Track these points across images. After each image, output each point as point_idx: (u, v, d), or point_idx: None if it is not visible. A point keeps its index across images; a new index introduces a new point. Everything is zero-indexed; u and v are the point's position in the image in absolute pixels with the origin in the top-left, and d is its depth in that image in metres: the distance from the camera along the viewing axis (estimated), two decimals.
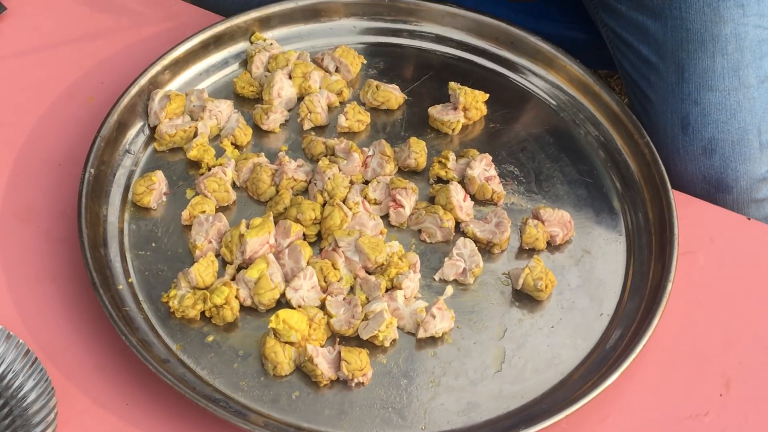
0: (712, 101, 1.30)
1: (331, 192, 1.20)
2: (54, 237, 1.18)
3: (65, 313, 1.13)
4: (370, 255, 1.15)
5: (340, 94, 1.32)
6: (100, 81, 1.33)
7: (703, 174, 1.31)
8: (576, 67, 1.33)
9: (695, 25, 1.32)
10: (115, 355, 1.10)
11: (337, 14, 1.38)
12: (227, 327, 1.12)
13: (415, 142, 1.25)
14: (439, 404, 1.09)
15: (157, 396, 1.07)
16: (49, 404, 1.02)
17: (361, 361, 1.08)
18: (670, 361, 1.13)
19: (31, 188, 1.22)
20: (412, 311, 1.13)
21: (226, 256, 1.16)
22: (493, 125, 1.32)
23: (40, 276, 1.15)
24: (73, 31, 1.39)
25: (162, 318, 1.12)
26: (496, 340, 1.13)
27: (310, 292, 1.13)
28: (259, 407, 1.07)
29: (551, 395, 1.10)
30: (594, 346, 1.14)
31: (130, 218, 1.20)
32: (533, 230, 1.19)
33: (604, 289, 1.18)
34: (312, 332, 1.10)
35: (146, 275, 1.15)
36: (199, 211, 1.19)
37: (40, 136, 1.27)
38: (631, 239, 1.22)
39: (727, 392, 1.12)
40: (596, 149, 1.30)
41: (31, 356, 1.05)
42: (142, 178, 1.21)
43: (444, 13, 1.38)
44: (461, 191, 1.22)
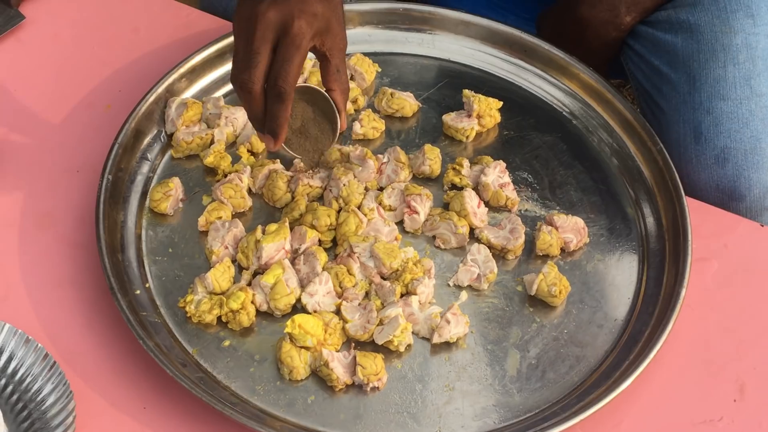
0: (724, 110, 1.31)
1: (346, 198, 1.21)
2: (72, 243, 1.20)
3: (83, 318, 1.14)
4: (385, 261, 1.15)
5: (355, 101, 1.33)
6: (118, 89, 1.34)
7: (716, 183, 1.31)
8: (589, 74, 1.34)
9: (706, 35, 1.33)
10: (133, 359, 1.11)
11: (352, 23, 1.39)
12: (243, 332, 1.13)
13: (429, 149, 1.26)
14: (454, 409, 1.09)
15: (174, 400, 1.08)
16: (67, 408, 1.03)
17: (376, 366, 1.09)
18: (684, 367, 1.14)
19: (50, 195, 1.24)
20: (426, 316, 1.14)
21: (242, 261, 1.17)
22: (507, 132, 1.33)
23: (58, 281, 1.17)
24: (91, 40, 1.40)
25: (179, 323, 1.13)
26: (510, 346, 1.14)
27: (326, 297, 1.14)
28: (275, 411, 1.08)
29: (565, 400, 1.10)
30: (608, 352, 1.14)
31: (148, 224, 1.21)
32: (547, 236, 1.20)
33: (617, 295, 1.18)
34: (327, 337, 1.11)
35: (163, 280, 1.17)
36: (216, 217, 1.20)
37: (58, 143, 1.29)
38: (645, 245, 1.23)
39: (742, 398, 1.12)
40: (609, 156, 1.31)
41: (50, 360, 1.06)
42: (159, 185, 1.22)
43: (458, 21, 1.39)
44: (475, 198, 1.23)
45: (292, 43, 1.06)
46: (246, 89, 1.06)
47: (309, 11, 1.07)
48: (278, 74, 1.05)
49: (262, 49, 1.05)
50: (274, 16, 1.06)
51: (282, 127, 1.08)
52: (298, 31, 1.06)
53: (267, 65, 1.06)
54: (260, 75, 1.06)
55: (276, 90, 1.06)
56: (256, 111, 1.08)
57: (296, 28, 1.06)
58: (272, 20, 1.06)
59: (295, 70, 1.06)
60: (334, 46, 1.11)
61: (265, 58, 1.06)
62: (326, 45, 1.10)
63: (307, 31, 1.06)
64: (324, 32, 1.09)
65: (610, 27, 1.41)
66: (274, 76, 1.06)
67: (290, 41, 1.06)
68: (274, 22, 1.06)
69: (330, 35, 1.10)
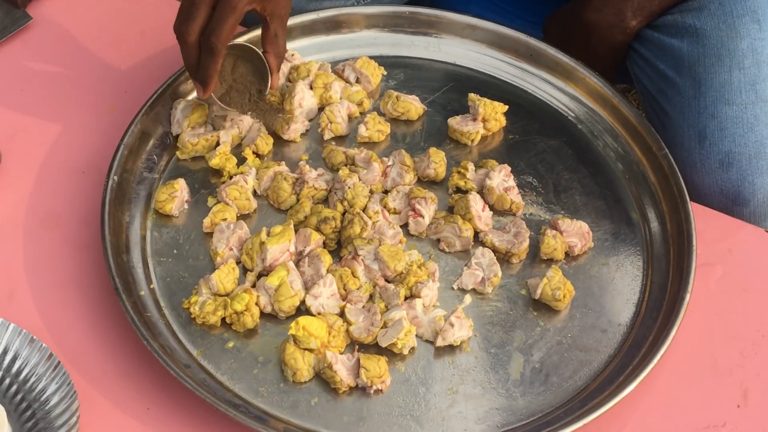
0: (729, 115, 1.31)
1: (351, 201, 1.21)
2: (77, 243, 1.20)
3: (88, 318, 1.14)
4: (389, 263, 1.16)
5: (360, 104, 1.33)
6: (124, 90, 1.35)
7: (720, 187, 1.31)
8: (595, 79, 1.34)
9: (712, 40, 1.33)
10: (137, 360, 1.11)
11: (358, 26, 1.39)
12: (247, 333, 1.13)
13: (434, 152, 1.26)
14: (457, 412, 1.09)
15: (178, 401, 1.08)
16: (71, 408, 1.04)
17: (380, 369, 1.09)
18: (687, 372, 1.14)
19: (55, 195, 1.24)
20: (430, 320, 1.14)
21: (246, 263, 1.17)
22: (512, 136, 1.33)
23: (63, 281, 1.17)
24: (97, 42, 1.40)
25: (183, 324, 1.14)
26: (513, 349, 1.14)
27: (330, 299, 1.14)
28: (279, 413, 1.08)
29: (568, 404, 1.10)
30: (611, 356, 1.14)
31: (153, 225, 1.21)
32: (551, 241, 1.20)
33: (621, 300, 1.18)
34: (331, 339, 1.11)
35: (168, 281, 1.17)
36: (221, 219, 1.20)
37: (64, 144, 1.29)
38: (649, 250, 1.23)
39: (745, 403, 1.12)
40: (614, 161, 1.31)
41: (54, 360, 1.07)
42: (164, 186, 1.23)
43: (464, 25, 1.39)
44: (480, 201, 1.23)
45: (228, 3, 1.15)
46: (182, 39, 1.17)
47: None
48: (212, 31, 1.15)
49: (202, 6, 1.15)
50: None
51: (211, 77, 1.18)
52: None
53: (204, 21, 1.16)
54: (196, 28, 1.16)
55: (208, 44, 1.16)
56: (190, 60, 1.19)
57: None
58: None
59: (227, 29, 1.15)
60: (274, 12, 1.21)
61: (203, 14, 1.16)
62: (267, 10, 1.20)
63: None
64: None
65: (616, 31, 1.41)
66: (208, 32, 1.16)
67: (226, 2, 1.15)
68: None
69: (271, 2, 1.19)
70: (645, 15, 1.40)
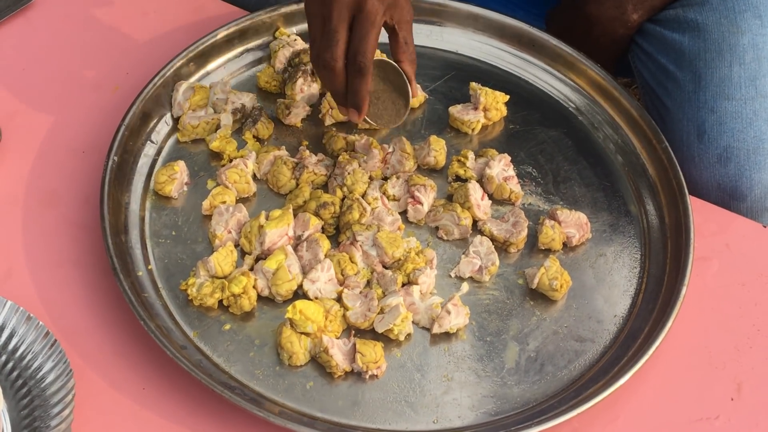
0: (728, 110, 1.31)
1: (350, 187, 1.21)
2: (76, 223, 1.20)
3: (85, 298, 1.14)
4: (387, 250, 1.16)
5: None
6: (126, 71, 1.35)
7: (718, 182, 1.31)
8: (596, 70, 1.34)
9: (713, 35, 1.33)
10: (133, 340, 1.11)
11: None
12: (244, 316, 1.13)
13: (435, 140, 1.27)
14: (452, 399, 1.10)
15: (173, 381, 1.08)
16: (67, 385, 1.04)
17: (375, 354, 1.09)
18: (682, 364, 1.14)
19: (55, 174, 1.24)
20: (427, 306, 1.14)
21: (245, 246, 1.17)
22: (513, 126, 1.33)
23: (61, 260, 1.17)
24: (100, 22, 1.40)
25: (180, 305, 1.14)
26: (509, 338, 1.14)
27: (327, 284, 1.15)
28: (274, 396, 1.08)
29: (563, 394, 1.11)
30: (607, 347, 1.15)
31: (152, 206, 1.21)
32: (550, 231, 1.20)
33: (618, 291, 1.19)
34: (328, 324, 1.12)
35: (166, 263, 1.17)
36: (220, 202, 1.20)
37: (65, 123, 1.29)
38: (647, 243, 1.23)
39: (739, 397, 1.12)
40: (614, 153, 1.31)
41: (51, 338, 1.07)
42: (164, 168, 1.23)
43: (467, 14, 1.39)
44: (479, 190, 1.23)
45: (366, 19, 1.11)
46: (329, 67, 1.12)
47: None
48: (357, 50, 1.11)
49: (340, 28, 1.11)
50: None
51: (364, 99, 1.13)
52: (371, 8, 1.11)
53: (346, 43, 1.12)
54: (341, 53, 1.11)
55: (357, 65, 1.11)
56: (338, 87, 1.14)
57: (370, 6, 1.11)
58: (347, 1, 1.11)
59: (372, 45, 1.11)
60: (401, 19, 1.16)
61: (344, 36, 1.11)
62: (395, 18, 1.15)
63: (380, 7, 1.12)
64: (392, 6, 1.14)
65: (617, 24, 1.41)
66: (353, 52, 1.11)
67: (365, 18, 1.11)
68: (349, 2, 1.11)
69: (398, 9, 1.15)
70: (646, 9, 1.40)
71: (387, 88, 1.18)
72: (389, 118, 1.20)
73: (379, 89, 1.19)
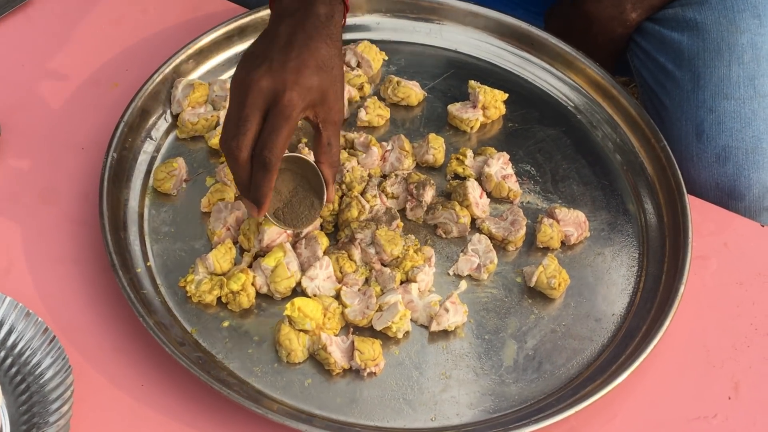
0: (727, 109, 1.31)
1: (349, 184, 1.21)
2: (75, 219, 1.20)
3: (84, 294, 1.14)
4: (386, 248, 1.16)
5: (361, 88, 1.33)
6: (125, 68, 1.35)
7: (716, 181, 1.32)
8: (595, 69, 1.34)
9: (712, 34, 1.33)
10: (132, 337, 1.11)
11: (360, 10, 1.39)
12: (243, 313, 1.14)
13: (433, 138, 1.27)
14: (449, 397, 1.10)
15: (172, 378, 1.08)
16: (66, 382, 1.04)
17: (374, 352, 1.09)
18: (679, 363, 1.14)
19: (54, 171, 1.24)
20: (425, 304, 1.14)
21: (243, 243, 1.17)
22: (512, 124, 1.33)
23: (60, 257, 1.17)
24: (99, 18, 1.40)
25: (179, 302, 1.14)
26: (507, 336, 1.15)
27: (326, 281, 1.15)
28: (272, 393, 1.08)
29: (561, 392, 1.11)
30: (605, 346, 1.15)
31: (151, 203, 1.22)
32: (548, 229, 1.20)
33: (616, 290, 1.19)
34: (326, 321, 1.12)
35: (164, 260, 1.17)
36: (218, 199, 1.20)
37: (64, 120, 1.29)
38: (645, 241, 1.23)
39: (736, 395, 1.13)
40: (613, 152, 1.31)
41: (50, 334, 1.07)
42: (163, 165, 1.23)
43: (466, 12, 1.39)
44: (478, 188, 1.23)
45: (281, 114, 1.05)
46: (233, 156, 1.05)
47: (303, 84, 1.05)
48: (264, 144, 1.04)
49: (252, 117, 1.05)
50: (267, 84, 1.05)
51: (266, 196, 1.06)
52: (288, 103, 1.05)
53: (256, 133, 1.05)
54: (248, 143, 1.05)
55: (261, 160, 1.04)
56: (241, 177, 1.07)
57: (287, 100, 1.04)
58: (264, 89, 1.05)
59: (281, 141, 1.04)
60: (327, 119, 1.10)
61: (254, 126, 1.05)
62: (319, 117, 1.09)
63: (298, 103, 1.05)
64: (318, 104, 1.08)
65: (616, 23, 1.41)
66: (261, 145, 1.05)
67: (279, 112, 1.05)
68: (266, 90, 1.05)
69: (324, 108, 1.09)
70: (645, 8, 1.40)
71: (303, 188, 1.13)
72: (298, 220, 1.14)
73: (296, 187, 1.13)
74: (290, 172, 1.13)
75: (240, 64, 1.08)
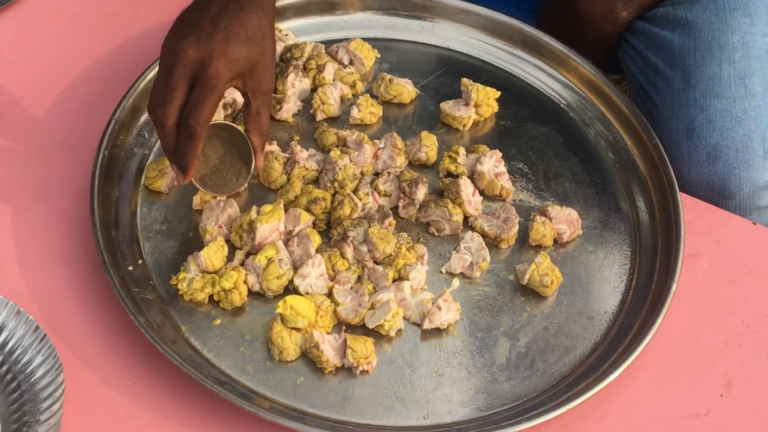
0: (717, 108, 1.31)
1: (341, 182, 1.21)
2: (66, 217, 1.20)
3: (75, 292, 1.14)
4: (378, 245, 1.16)
5: (353, 86, 1.33)
6: (116, 65, 1.34)
7: (707, 180, 1.32)
8: (587, 67, 1.35)
9: (703, 33, 1.34)
10: (124, 335, 1.11)
11: (352, 8, 1.39)
12: (235, 311, 1.13)
13: (426, 136, 1.27)
14: (442, 395, 1.10)
15: (163, 376, 1.08)
16: (56, 380, 1.03)
17: (366, 350, 1.09)
18: (672, 361, 1.15)
19: (45, 168, 1.24)
20: (418, 302, 1.14)
21: (235, 241, 1.17)
22: (504, 122, 1.33)
23: (51, 255, 1.16)
24: (91, 15, 1.40)
25: (171, 300, 1.13)
26: (500, 334, 1.14)
27: (318, 279, 1.15)
28: (264, 391, 1.08)
29: (553, 390, 1.11)
30: (597, 343, 1.15)
31: (142, 201, 1.21)
32: (540, 227, 1.20)
33: (608, 287, 1.19)
34: (319, 319, 1.11)
35: (156, 258, 1.17)
36: (211, 197, 1.20)
37: (55, 117, 1.29)
38: (638, 239, 1.23)
39: (728, 393, 1.13)
40: (605, 149, 1.31)
41: (41, 332, 1.06)
42: (154, 162, 1.22)
43: (458, 10, 1.39)
44: (470, 186, 1.23)
45: (206, 84, 1.06)
46: (159, 123, 1.07)
47: (230, 54, 1.07)
48: (190, 113, 1.06)
49: (178, 86, 1.06)
50: (194, 54, 1.06)
51: (190, 163, 1.09)
52: (214, 73, 1.06)
53: (182, 101, 1.07)
54: (174, 111, 1.07)
55: (186, 128, 1.07)
56: (168, 144, 1.09)
57: (212, 70, 1.06)
58: (191, 58, 1.07)
59: (206, 110, 1.06)
60: (256, 89, 1.12)
61: (181, 95, 1.07)
62: (249, 86, 1.11)
63: (224, 73, 1.07)
64: (246, 74, 1.10)
65: (606, 21, 1.42)
66: (186, 114, 1.07)
67: (205, 82, 1.06)
68: (193, 60, 1.07)
69: (253, 78, 1.11)
70: (636, 6, 1.41)
71: (229, 153, 1.15)
72: (225, 186, 1.16)
73: (224, 154, 1.16)
74: (220, 138, 1.15)
75: (171, 31, 1.10)
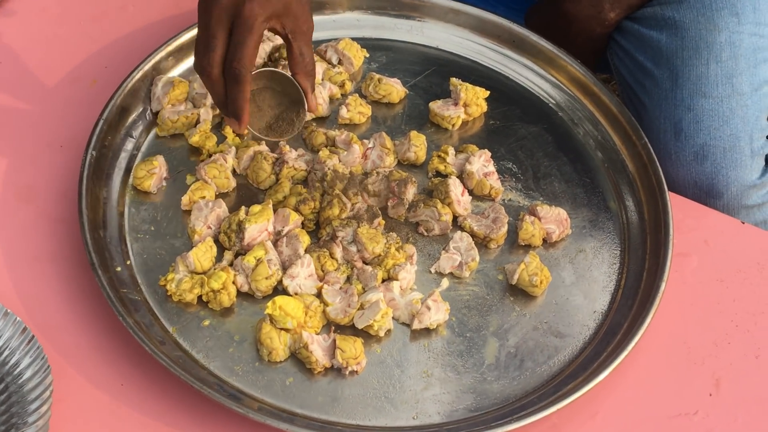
0: (705, 108, 1.32)
1: (330, 182, 1.21)
2: (54, 217, 1.19)
3: (63, 293, 1.13)
4: (367, 246, 1.16)
5: (342, 86, 1.33)
6: (104, 65, 1.34)
7: (695, 179, 1.32)
8: (576, 67, 1.35)
9: (691, 32, 1.34)
10: (112, 336, 1.10)
11: (341, 7, 1.39)
12: (224, 312, 1.13)
13: (415, 135, 1.27)
14: (431, 395, 1.10)
15: (152, 377, 1.08)
16: (44, 382, 1.03)
17: (355, 350, 1.09)
18: (661, 360, 1.15)
19: (33, 169, 1.23)
20: (407, 302, 1.14)
21: (224, 242, 1.17)
22: (493, 122, 1.33)
23: (39, 255, 1.16)
24: (79, 15, 1.39)
25: (159, 301, 1.13)
26: (489, 334, 1.14)
27: (307, 280, 1.14)
28: (253, 392, 1.08)
29: (542, 389, 1.11)
30: (586, 343, 1.15)
31: (130, 202, 1.21)
32: (530, 227, 1.20)
33: (597, 287, 1.19)
34: (308, 319, 1.11)
35: (144, 258, 1.16)
36: (199, 197, 1.20)
37: (43, 117, 1.28)
38: (626, 239, 1.23)
39: (717, 392, 1.13)
40: (594, 149, 1.31)
41: (28, 334, 1.06)
42: (143, 162, 1.22)
43: (447, 9, 1.39)
44: (460, 186, 1.23)
45: (243, 24, 1.08)
46: (205, 74, 1.09)
47: None
48: (232, 57, 1.08)
49: (218, 34, 1.08)
50: (228, 0, 1.07)
51: (242, 108, 1.09)
52: (249, 14, 1.07)
53: (223, 49, 1.08)
54: (217, 59, 1.08)
55: (231, 72, 1.08)
56: (218, 93, 1.10)
57: (247, 11, 1.07)
58: (225, 5, 1.08)
59: (248, 51, 1.07)
60: (296, 29, 1.13)
61: (221, 43, 1.08)
62: (287, 27, 1.12)
63: (260, 12, 1.08)
64: (282, 14, 1.11)
65: (594, 22, 1.42)
66: (230, 59, 1.08)
67: (242, 23, 1.08)
68: (227, 6, 1.08)
69: (290, 17, 1.11)
70: (623, 7, 1.41)
71: (282, 101, 1.16)
72: (281, 131, 1.17)
73: (273, 101, 1.16)
74: (270, 89, 1.16)
75: None
